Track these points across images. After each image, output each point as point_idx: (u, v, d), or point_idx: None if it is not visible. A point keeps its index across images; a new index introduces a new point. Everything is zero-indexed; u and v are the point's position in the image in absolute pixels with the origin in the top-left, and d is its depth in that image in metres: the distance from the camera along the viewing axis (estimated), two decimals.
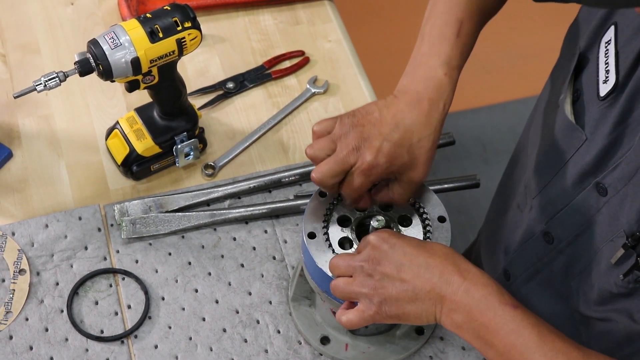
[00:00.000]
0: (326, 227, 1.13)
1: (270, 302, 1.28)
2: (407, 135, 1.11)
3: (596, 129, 1.11)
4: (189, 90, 1.44)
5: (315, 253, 1.10)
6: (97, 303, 1.26)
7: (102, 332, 1.24)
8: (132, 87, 1.26)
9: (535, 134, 1.28)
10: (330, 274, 1.08)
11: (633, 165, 1.05)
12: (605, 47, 1.09)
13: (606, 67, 1.08)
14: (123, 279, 1.28)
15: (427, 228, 1.13)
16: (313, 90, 1.51)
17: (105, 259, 1.30)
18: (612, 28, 1.09)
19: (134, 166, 1.35)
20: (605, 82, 1.08)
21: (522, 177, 1.32)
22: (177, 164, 1.38)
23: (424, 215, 1.14)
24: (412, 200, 1.15)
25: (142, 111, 1.36)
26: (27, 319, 1.23)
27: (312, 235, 1.11)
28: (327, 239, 1.11)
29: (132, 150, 1.34)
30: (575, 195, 1.14)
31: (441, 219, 1.13)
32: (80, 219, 1.33)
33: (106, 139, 1.39)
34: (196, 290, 1.28)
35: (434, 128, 1.13)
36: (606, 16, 1.12)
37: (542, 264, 1.24)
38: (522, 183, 1.32)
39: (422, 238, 1.16)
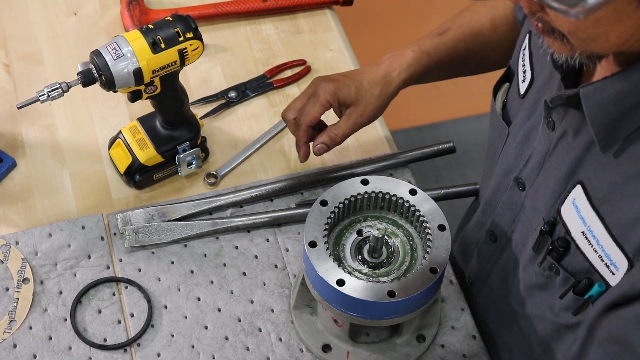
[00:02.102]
0: (327, 235, 1.14)
1: (272, 310, 1.29)
2: (358, 77, 1.31)
3: (515, 124, 1.19)
4: (191, 100, 1.45)
5: (316, 262, 1.11)
6: (100, 311, 1.27)
7: (105, 340, 1.24)
8: (134, 97, 1.27)
9: (488, 141, 1.34)
10: (330, 282, 1.09)
11: (540, 154, 1.11)
12: (522, 52, 1.19)
13: (523, 69, 1.18)
14: (126, 287, 1.29)
15: (427, 236, 1.14)
16: None
17: (108, 267, 1.30)
18: (527, 35, 1.19)
19: (137, 175, 1.36)
20: (523, 81, 1.18)
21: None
22: (179, 173, 1.39)
23: (424, 224, 1.15)
24: (413, 208, 1.16)
25: (145, 121, 1.37)
26: (30, 328, 1.24)
27: (313, 244, 1.12)
28: (328, 248, 1.12)
29: (135, 159, 1.35)
30: (503, 192, 1.21)
31: (441, 228, 1.14)
32: (83, 228, 1.33)
33: (109, 149, 1.40)
34: (198, 299, 1.29)
35: (385, 84, 1.31)
36: (523, 28, 1.23)
37: (491, 264, 1.28)
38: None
39: (421, 246, 1.16)
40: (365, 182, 1.17)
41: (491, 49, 1.39)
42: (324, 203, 1.15)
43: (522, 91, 1.19)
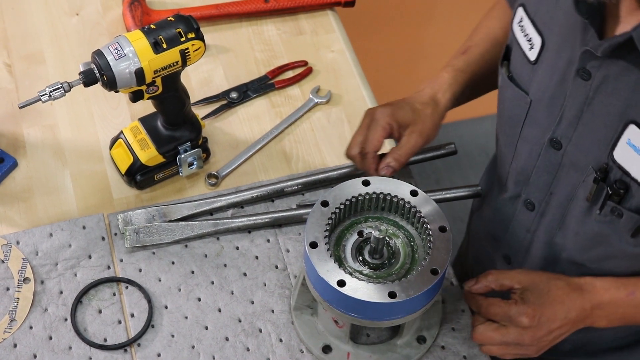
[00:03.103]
0: (328, 236, 1.14)
1: (273, 311, 1.29)
2: (409, 101, 1.34)
3: (537, 90, 1.21)
4: (192, 100, 1.45)
5: (317, 262, 1.10)
6: (100, 311, 1.27)
7: (105, 340, 1.24)
8: (136, 97, 1.27)
9: (498, 120, 1.35)
10: (331, 283, 1.09)
11: (575, 108, 1.13)
12: (519, 24, 1.22)
13: (527, 38, 1.20)
14: (126, 287, 1.29)
15: (428, 238, 1.14)
16: (316, 100, 1.52)
17: (108, 267, 1.30)
18: (520, 8, 1.22)
19: (138, 176, 1.36)
20: (531, 48, 1.20)
21: (496, 164, 1.41)
22: (180, 174, 1.39)
23: (425, 225, 1.15)
24: (414, 209, 1.16)
25: (146, 121, 1.37)
26: (31, 327, 1.24)
27: (314, 245, 1.12)
28: (329, 249, 1.12)
29: (136, 159, 1.35)
30: (536, 157, 1.23)
31: (442, 229, 1.13)
32: (84, 228, 1.33)
33: (110, 149, 1.40)
34: (199, 299, 1.29)
35: (434, 104, 1.34)
36: (512, 6, 1.27)
37: (531, 234, 1.30)
38: (496, 169, 1.41)
39: (422, 247, 1.16)
40: (366, 183, 1.17)
41: None
42: (325, 204, 1.15)
43: (532, 58, 1.20)
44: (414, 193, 1.17)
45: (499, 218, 1.38)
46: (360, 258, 1.16)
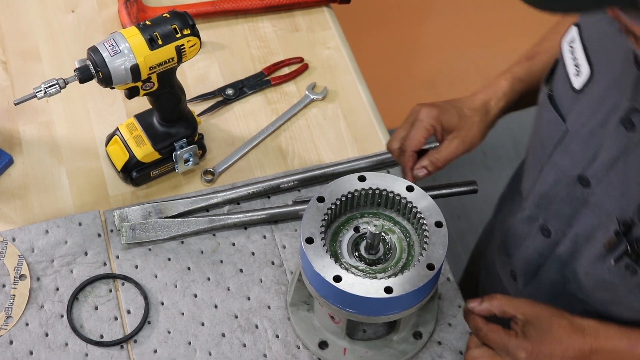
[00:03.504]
0: (324, 232, 1.14)
1: (269, 307, 1.29)
2: (458, 104, 1.31)
3: (575, 120, 1.16)
4: (188, 97, 1.45)
5: (313, 258, 1.10)
6: (96, 308, 1.27)
7: (101, 337, 1.24)
8: (131, 93, 1.27)
9: (532, 135, 1.32)
10: (327, 279, 1.09)
11: (612, 154, 1.09)
12: (570, 45, 1.17)
13: (575, 62, 1.15)
14: (123, 284, 1.29)
15: (424, 233, 1.14)
16: (312, 97, 1.52)
17: (105, 264, 1.30)
18: (574, 28, 1.16)
19: (134, 172, 1.36)
20: (577, 75, 1.15)
21: (519, 180, 1.37)
22: (176, 170, 1.39)
23: (421, 221, 1.15)
24: (410, 204, 1.16)
25: (142, 118, 1.37)
26: (27, 324, 1.24)
27: (310, 240, 1.12)
28: (325, 244, 1.12)
29: (132, 156, 1.35)
30: (562, 188, 1.19)
31: (438, 224, 1.14)
32: (80, 224, 1.33)
33: (106, 146, 1.40)
34: (195, 295, 1.29)
35: (484, 112, 1.31)
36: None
37: (542, 258, 1.27)
38: (519, 185, 1.36)
39: (418, 243, 1.16)
40: (362, 179, 1.17)
41: None
42: (321, 199, 1.15)
43: (576, 85, 1.16)
44: (410, 189, 1.17)
45: (513, 234, 1.35)
46: (357, 253, 1.16)
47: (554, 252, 1.24)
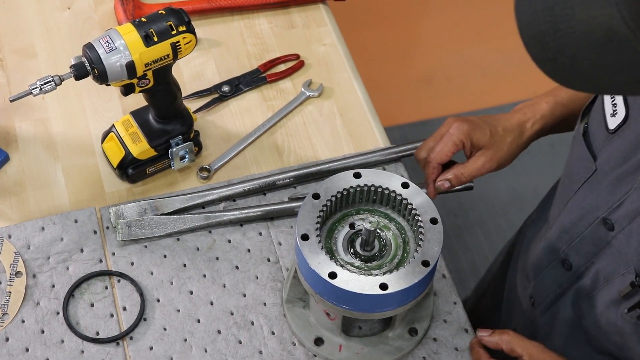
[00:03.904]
0: (319, 229, 1.14)
1: (265, 304, 1.29)
2: (493, 122, 1.30)
3: (605, 161, 1.13)
4: (184, 94, 1.45)
5: (308, 255, 1.11)
6: (92, 305, 1.27)
7: (97, 333, 1.25)
8: (127, 90, 1.27)
9: (565, 164, 1.30)
10: (322, 275, 1.09)
11: (637, 204, 1.07)
12: None
13: (612, 101, 1.13)
14: (119, 281, 1.29)
15: (419, 230, 1.14)
16: (308, 94, 1.52)
17: (100, 261, 1.31)
18: None
19: (130, 169, 1.36)
20: (613, 115, 1.12)
21: (547, 206, 1.36)
22: (172, 167, 1.39)
23: (416, 217, 1.15)
24: (405, 201, 1.16)
25: (138, 114, 1.37)
26: (23, 321, 1.24)
27: (305, 237, 1.12)
28: (320, 241, 1.12)
29: (128, 153, 1.35)
30: (586, 226, 1.17)
31: (433, 221, 1.14)
32: (76, 221, 1.33)
33: (102, 142, 1.40)
34: (191, 292, 1.29)
35: (518, 133, 1.30)
36: None
37: (562, 289, 1.26)
38: (546, 211, 1.36)
39: (413, 239, 1.16)
40: (357, 176, 1.18)
41: None
42: (316, 196, 1.15)
43: (611, 126, 1.13)
44: (405, 185, 1.17)
45: (534, 260, 1.33)
46: (352, 250, 1.16)
47: (574, 285, 1.23)
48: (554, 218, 1.27)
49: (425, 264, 1.10)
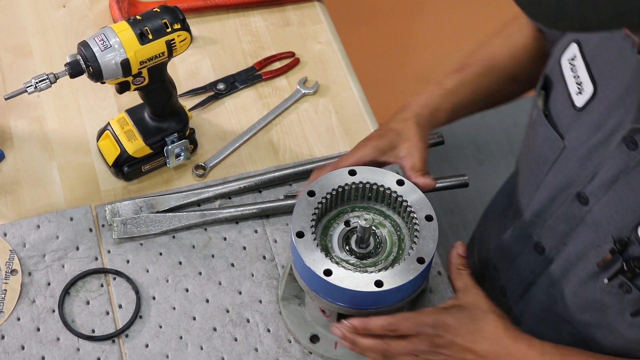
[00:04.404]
0: (315, 226, 1.14)
1: (260, 301, 1.29)
2: (393, 125, 1.26)
3: (574, 137, 1.15)
4: (179, 92, 1.45)
5: (303, 252, 1.11)
6: (88, 303, 1.27)
7: (93, 331, 1.25)
8: (122, 88, 1.27)
9: (524, 151, 1.31)
10: (317, 273, 1.09)
11: (611, 172, 1.08)
12: (570, 62, 1.16)
13: (577, 80, 1.14)
14: (114, 278, 1.29)
15: (415, 227, 1.14)
16: (303, 91, 1.52)
17: (96, 259, 1.31)
18: (575, 45, 1.16)
19: (125, 167, 1.36)
20: (579, 93, 1.14)
21: (510, 197, 1.36)
22: (167, 165, 1.39)
23: (411, 214, 1.15)
24: (400, 198, 1.16)
25: (133, 112, 1.37)
26: (18, 319, 1.24)
27: (300, 235, 1.12)
28: (316, 238, 1.12)
29: (123, 151, 1.35)
30: (559, 205, 1.18)
31: (428, 218, 1.14)
32: (71, 219, 1.33)
33: (97, 140, 1.40)
34: (187, 290, 1.29)
35: (411, 121, 1.25)
36: (562, 35, 1.20)
37: (534, 275, 1.26)
38: (510, 202, 1.35)
39: (408, 236, 1.16)
40: (352, 173, 1.18)
41: (513, 80, 1.37)
42: (311, 193, 1.15)
43: (578, 104, 1.15)
44: (400, 182, 1.17)
45: (504, 251, 1.34)
46: (347, 247, 1.16)
47: (546, 269, 1.23)
48: (525, 206, 1.27)
49: (421, 260, 1.10)
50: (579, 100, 1.15)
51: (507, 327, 1.12)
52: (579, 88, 1.15)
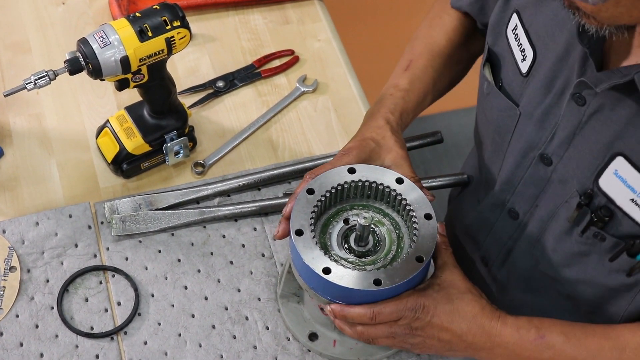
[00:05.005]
0: (314, 224, 1.14)
1: (259, 299, 1.29)
2: (368, 134, 1.24)
3: (527, 103, 1.20)
4: (179, 89, 1.45)
5: (302, 250, 1.10)
6: (87, 300, 1.27)
7: (92, 328, 1.25)
8: (121, 85, 1.27)
9: (482, 124, 1.34)
10: (316, 271, 1.09)
11: (568, 130, 1.13)
12: (513, 32, 1.20)
13: (520, 48, 1.19)
14: (113, 276, 1.29)
15: (414, 225, 1.14)
16: (302, 89, 1.52)
17: (95, 256, 1.31)
18: (515, 15, 1.20)
19: (124, 164, 1.36)
20: (523, 60, 1.19)
21: (480, 168, 1.39)
22: (167, 162, 1.39)
23: (410, 213, 1.15)
24: (399, 197, 1.16)
25: (132, 110, 1.37)
26: (17, 316, 1.24)
27: (299, 232, 1.12)
28: (315, 236, 1.12)
29: (122, 148, 1.35)
30: (525, 169, 1.22)
31: (427, 217, 1.14)
32: (70, 216, 1.33)
33: (97, 138, 1.40)
34: (185, 287, 1.29)
35: (385, 129, 1.25)
36: (504, 9, 1.24)
37: (512, 241, 1.30)
38: (480, 173, 1.39)
39: (407, 235, 1.16)
40: (352, 171, 1.18)
41: (455, 62, 1.42)
42: (310, 191, 1.15)
43: (523, 70, 1.20)
44: (399, 181, 1.17)
45: (480, 222, 1.37)
46: (346, 245, 1.16)
47: (523, 233, 1.27)
48: (495, 175, 1.30)
49: (419, 259, 1.10)
50: (524, 67, 1.19)
51: (483, 307, 1.13)
52: (522, 55, 1.19)
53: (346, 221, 1.18)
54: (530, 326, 1.13)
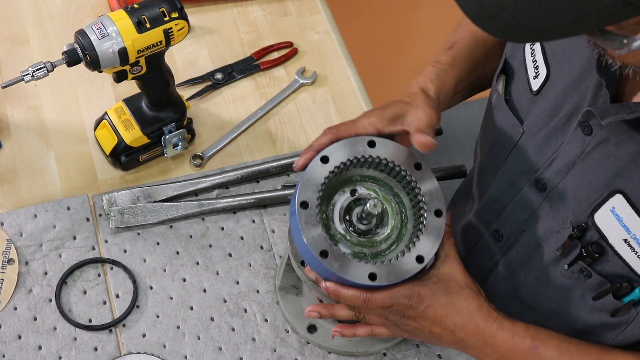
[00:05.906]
0: (320, 197, 1.07)
1: (258, 291, 1.29)
2: (398, 99, 1.19)
3: (532, 123, 1.15)
4: (177, 81, 1.45)
5: (304, 226, 1.04)
6: (85, 292, 1.27)
7: (90, 321, 1.24)
8: (119, 77, 1.26)
9: (484, 134, 1.30)
10: (314, 253, 1.03)
11: (569, 158, 1.08)
12: (531, 47, 1.16)
13: (534, 64, 1.14)
14: (111, 268, 1.29)
15: (421, 219, 1.10)
16: (301, 81, 1.52)
17: (93, 248, 1.30)
18: None
19: (123, 156, 1.36)
20: (535, 77, 1.14)
21: (470, 181, 1.35)
22: (165, 155, 1.39)
23: (421, 204, 1.09)
24: (413, 183, 1.10)
25: (131, 102, 1.37)
26: (15, 308, 1.24)
27: (304, 205, 1.05)
28: (318, 212, 1.06)
29: (121, 140, 1.35)
30: (517, 191, 1.18)
31: (437, 213, 1.08)
32: (68, 209, 1.33)
33: (95, 130, 1.40)
34: (184, 280, 1.29)
35: (418, 94, 1.19)
36: None
37: (492, 263, 1.26)
38: (470, 186, 1.35)
39: (412, 223, 1.11)
40: (372, 144, 1.10)
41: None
42: (325, 159, 1.08)
43: (534, 87, 1.15)
44: (418, 166, 1.11)
45: (462, 238, 1.33)
46: (348, 219, 1.10)
47: (504, 257, 1.23)
48: (483, 192, 1.26)
49: (420, 259, 1.06)
50: (535, 84, 1.14)
51: (480, 304, 1.10)
52: (535, 72, 1.15)
53: (353, 192, 1.11)
54: (526, 335, 1.10)
